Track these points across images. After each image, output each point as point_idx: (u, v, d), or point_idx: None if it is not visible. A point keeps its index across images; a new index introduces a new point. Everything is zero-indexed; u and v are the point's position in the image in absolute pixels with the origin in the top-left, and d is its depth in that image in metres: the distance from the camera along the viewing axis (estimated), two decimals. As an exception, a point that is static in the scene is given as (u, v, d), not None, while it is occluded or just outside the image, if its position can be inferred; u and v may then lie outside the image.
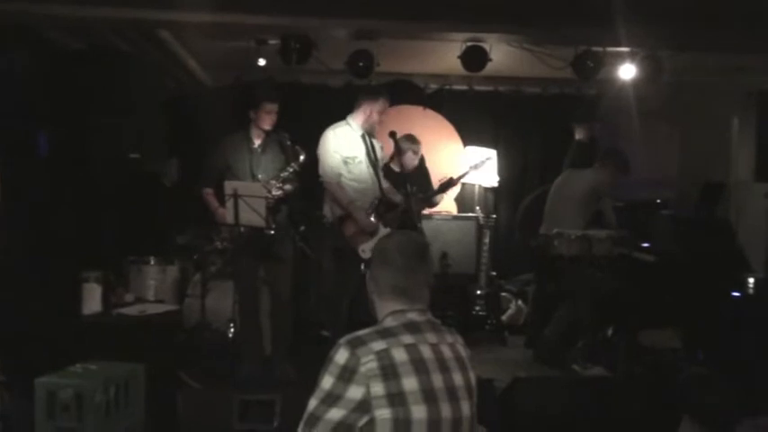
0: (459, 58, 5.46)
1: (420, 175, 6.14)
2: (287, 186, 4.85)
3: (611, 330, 5.80)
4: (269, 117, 4.87)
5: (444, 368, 2.04)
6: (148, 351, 4.45)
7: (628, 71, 5.64)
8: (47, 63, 5.30)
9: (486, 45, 5.41)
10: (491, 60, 5.47)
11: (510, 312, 6.66)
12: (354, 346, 1.98)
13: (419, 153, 6.03)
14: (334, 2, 4.90)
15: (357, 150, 4.97)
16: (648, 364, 5.18)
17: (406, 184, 5.03)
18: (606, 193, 5.64)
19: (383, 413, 1.92)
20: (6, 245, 4.77)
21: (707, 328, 5.26)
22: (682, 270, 5.38)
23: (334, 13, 4.97)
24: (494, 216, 6.65)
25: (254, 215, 4.60)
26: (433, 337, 2.09)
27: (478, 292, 6.33)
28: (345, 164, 4.90)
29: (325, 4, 4.90)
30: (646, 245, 5.77)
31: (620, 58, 5.61)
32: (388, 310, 2.14)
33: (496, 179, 6.95)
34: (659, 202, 6.59)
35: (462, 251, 6.51)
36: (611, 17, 4.70)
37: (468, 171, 5.80)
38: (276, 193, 4.78)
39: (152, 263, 5.92)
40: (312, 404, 1.96)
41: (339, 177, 4.90)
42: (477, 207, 6.78)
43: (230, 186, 4.68)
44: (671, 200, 6.77)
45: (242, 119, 5.01)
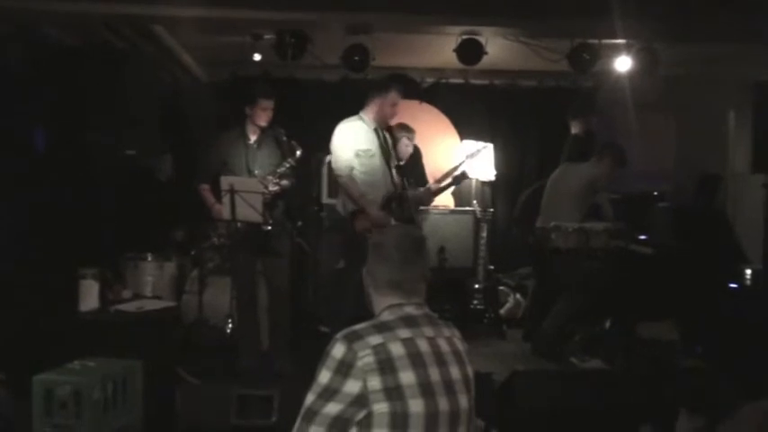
0: (455, 51, 5.45)
1: (415, 167, 6.12)
2: (284, 182, 4.86)
3: (608, 323, 5.80)
4: (264, 114, 4.86)
5: (441, 362, 2.04)
6: (146, 347, 4.43)
7: (624, 63, 5.65)
8: (42, 60, 5.28)
9: (482, 38, 5.41)
10: (487, 54, 5.47)
11: (508, 306, 6.67)
12: (351, 340, 1.97)
13: (413, 141, 6.00)
14: (329, -4, 4.91)
15: (371, 143, 4.92)
16: (646, 357, 5.18)
17: (402, 178, 5.02)
18: (603, 187, 5.63)
19: (380, 407, 1.91)
20: (2, 242, 4.77)
21: (705, 321, 5.27)
22: (679, 262, 5.38)
23: (329, 7, 4.96)
24: (491, 210, 6.65)
25: (250, 211, 4.59)
26: (430, 331, 2.08)
27: (476, 286, 6.32)
28: (357, 156, 4.85)
29: (320, -2, 4.91)
30: (643, 237, 5.76)
31: (615, 50, 5.62)
32: (384, 305, 2.13)
33: (493, 173, 6.95)
34: (656, 194, 6.58)
35: (460, 245, 6.49)
36: (606, 9, 4.70)
37: (465, 160, 5.80)
38: (273, 188, 4.78)
39: (149, 259, 5.93)
40: (309, 399, 1.95)
41: (351, 170, 4.86)
42: (475, 201, 6.76)
43: (227, 182, 4.68)
44: (668, 192, 6.77)
45: (237, 114, 5.00)
